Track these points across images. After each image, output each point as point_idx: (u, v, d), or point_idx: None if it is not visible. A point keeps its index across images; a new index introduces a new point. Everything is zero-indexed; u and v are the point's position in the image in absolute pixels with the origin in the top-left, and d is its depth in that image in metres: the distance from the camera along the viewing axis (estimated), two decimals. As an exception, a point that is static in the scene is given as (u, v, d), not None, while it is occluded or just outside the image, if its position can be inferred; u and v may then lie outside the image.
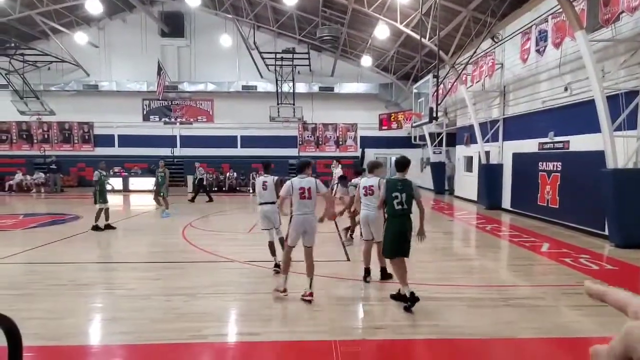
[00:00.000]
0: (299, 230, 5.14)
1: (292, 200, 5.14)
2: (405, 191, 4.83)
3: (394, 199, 4.80)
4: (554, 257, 7.55)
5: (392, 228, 4.90)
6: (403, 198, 4.84)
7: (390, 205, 4.82)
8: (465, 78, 15.13)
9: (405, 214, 4.88)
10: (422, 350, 3.90)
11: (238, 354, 3.90)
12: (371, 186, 5.82)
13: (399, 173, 5.19)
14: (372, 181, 5.87)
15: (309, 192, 5.08)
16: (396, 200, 4.80)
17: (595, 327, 4.37)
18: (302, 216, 5.10)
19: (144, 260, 7.33)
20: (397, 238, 4.85)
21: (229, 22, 22.46)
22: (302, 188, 5.07)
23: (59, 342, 4.00)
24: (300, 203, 5.08)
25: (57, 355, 3.83)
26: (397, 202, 4.81)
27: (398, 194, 4.84)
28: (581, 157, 9.86)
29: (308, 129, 25.50)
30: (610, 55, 8.89)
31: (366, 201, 5.86)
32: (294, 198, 5.09)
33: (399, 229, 4.86)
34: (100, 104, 24.35)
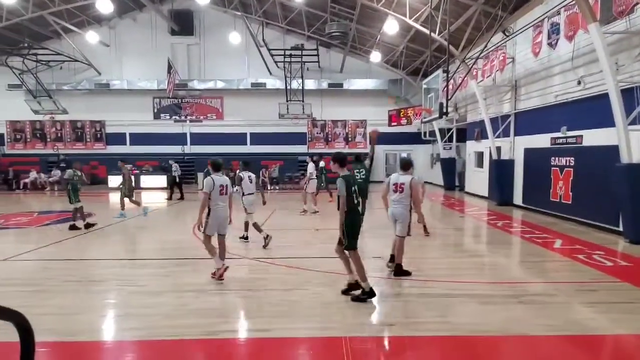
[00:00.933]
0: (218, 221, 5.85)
1: (212, 195, 5.73)
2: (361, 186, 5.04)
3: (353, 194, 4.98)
4: (566, 253, 7.45)
5: (357, 222, 5.12)
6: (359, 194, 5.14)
7: (351, 200, 4.93)
8: (475, 73, 14.96)
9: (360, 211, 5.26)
10: (434, 347, 3.88)
11: (248, 350, 3.91)
12: (402, 184, 5.93)
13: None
14: (404, 179, 5.95)
15: (226, 188, 5.89)
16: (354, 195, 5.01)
17: (609, 325, 4.31)
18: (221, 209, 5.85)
19: (154, 257, 7.40)
20: (358, 230, 5.10)
21: (238, 20, 22.50)
22: (222, 186, 5.81)
23: (72, 337, 4.05)
24: (219, 198, 5.81)
25: (71, 351, 3.88)
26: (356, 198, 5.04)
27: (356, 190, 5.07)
28: (595, 152, 9.69)
29: (317, 125, 25.49)
30: (624, 47, 8.70)
31: (395, 197, 6.00)
32: (214, 194, 5.74)
33: (359, 222, 5.20)
34: (111, 103, 24.64)
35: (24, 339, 1.14)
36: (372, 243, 8.72)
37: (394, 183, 6.01)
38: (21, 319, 1.14)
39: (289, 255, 7.29)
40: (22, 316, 1.14)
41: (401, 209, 5.96)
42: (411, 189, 5.85)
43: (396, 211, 6.00)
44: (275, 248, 7.96)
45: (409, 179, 5.91)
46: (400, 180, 5.96)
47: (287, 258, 7.09)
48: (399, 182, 5.95)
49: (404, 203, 5.93)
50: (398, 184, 5.96)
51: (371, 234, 9.65)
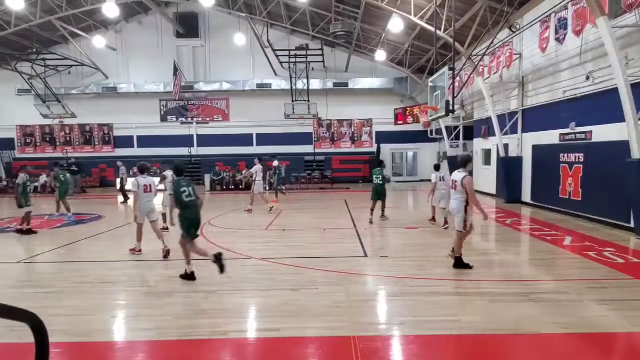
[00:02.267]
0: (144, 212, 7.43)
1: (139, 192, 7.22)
2: (191, 186, 6.06)
3: (183, 193, 5.86)
4: (576, 250, 7.38)
5: (188, 216, 5.91)
6: (191, 191, 5.97)
7: (180, 198, 5.85)
8: (482, 69, 14.87)
9: (195, 204, 6.00)
10: (443, 346, 3.86)
11: (258, 349, 3.92)
12: (455, 181, 6.20)
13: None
14: (457, 176, 6.16)
15: (150, 187, 7.48)
16: (184, 194, 5.86)
17: (622, 322, 4.26)
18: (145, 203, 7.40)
19: (163, 258, 7.44)
20: (195, 223, 5.93)
21: (243, 21, 22.54)
22: (145, 185, 7.33)
23: (85, 338, 4.10)
24: (144, 195, 7.35)
25: (84, 351, 3.93)
26: (185, 195, 5.86)
27: (186, 189, 5.91)
28: (604, 147, 9.58)
29: (323, 125, 25.48)
30: (634, 41, 8.59)
31: (452, 193, 6.36)
32: (140, 191, 7.24)
33: (193, 215, 5.95)
34: (119, 106, 24.84)
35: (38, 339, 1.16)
36: (379, 242, 8.72)
37: (452, 179, 6.34)
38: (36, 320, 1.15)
39: (296, 255, 7.29)
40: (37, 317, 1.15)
41: (457, 204, 6.19)
42: (463, 186, 6.02)
43: (454, 206, 6.28)
44: (284, 248, 7.98)
45: (461, 176, 6.08)
46: (455, 177, 6.22)
47: (295, 258, 7.10)
48: (454, 179, 6.22)
49: (459, 198, 6.15)
50: (454, 180, 6.25)
51: (379, 233, 9.65)
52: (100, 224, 11.20)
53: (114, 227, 10.54)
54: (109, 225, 10.75)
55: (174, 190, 5.95)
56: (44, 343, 1.16)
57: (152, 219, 7.64)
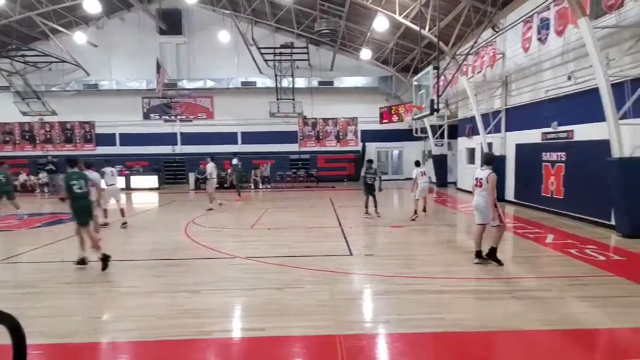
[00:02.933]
0: None
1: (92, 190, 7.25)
2: (82, 178, 6.60)
3: (74, 185, 6.37)
4: (559, 248, 7.49)
5: (77, 206, 6.44)
6: (82, 184, 6.48)
7: (71, 190, 6.36)
8: (466, 69, 15.01)
9: (84, 195, 6.54)
10: (429, 344, 3.86)
11: (243, 349, 3.87)
12: (480, 179, 6.38)
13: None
14: (482, 174, 6.35)
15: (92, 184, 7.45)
16: (76, 186, 6.38)
17: (603, 319, 4.32)
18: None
19: (147, 257, 7.32)
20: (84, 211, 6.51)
21: (227, 18, 22.33)
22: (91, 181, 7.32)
23: (65, 339, 3.99)
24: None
25: (64, 353, 3.82)
26: (77, 187, 6.39)
27: (76, 182, 6.41)
28: (586, 146, 9.76)
29: (308, 123, 25.43)
30: (614, 42, 8.77)
31: (476, 190, 6.48)
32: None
33: (82, 206, 6.51)
34: (100, 103, 24.39)
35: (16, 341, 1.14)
36: (364, 241, 8.72)
37: (475, 178, 6.49)
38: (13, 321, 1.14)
39: (282, 254, 7.24)
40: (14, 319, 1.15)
41: (482, 201, 6.38)
42: (488, 182, 6.20)
43: (479, 203, 6.45)
44: (269, 247, 7.92)
45: (486, 174, 6.26)
46: (479, 175, 6.40)
47: (280, 257, 7.05)
48: (479, 177, 6.41)
49: (484, 195, 6.33)
50: (478, 178, 6.43)
51: (365, 231, 9.66)
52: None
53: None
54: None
55: (65, 182, 6.43)
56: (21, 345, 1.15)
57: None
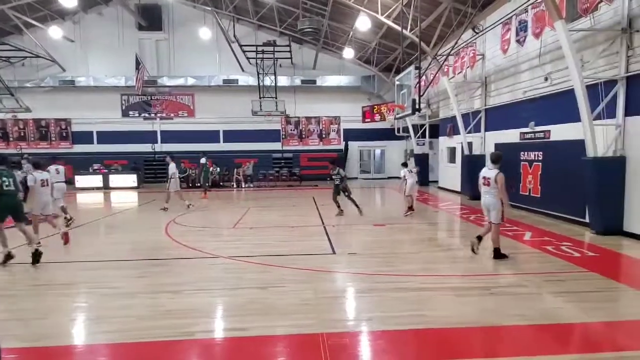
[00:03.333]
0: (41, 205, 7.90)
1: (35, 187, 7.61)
2: (12, 176, 6.76)
3: (3, 183, 6.57)
4: (536, 245, 7.68)
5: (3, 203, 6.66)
6: (11, 182, 6.69)
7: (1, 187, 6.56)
8: (447, 69, 15.21)
9: (12, 193, 6.73)
10: (411, 341, 3.91)
11: (226, 350, 3.84)
12: (488, 178, 6.53)
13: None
14: (490, 173, 6.50)
15: (47, 182, 7.96)
16: (5, 184, 6.58)
17: (578, 313, 4.45)
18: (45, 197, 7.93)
19: (127, 258, 7.19)
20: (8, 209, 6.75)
21: (208, 15, 22.08)
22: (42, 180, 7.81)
23: (41, 343, 3.88)
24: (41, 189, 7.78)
25: (40, 357, 3.72)
26: (5, 185, 6.59)
27: (6, 179, 6.62)
28: (562, 146, 10.02)
29: (291, 122, 25.37)
30: (589, 44, 9.02)
31: (483, 189, 6.65)
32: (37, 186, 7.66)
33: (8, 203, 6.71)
34: (77, 100, 23.79)
35: None
36: (347, 239, 8.75)
37: (482, 177, 6.63)
38: None
39: (264, 253, 7.22)
40: None
41: (490, 198, 6.55)
42: (497, 182, 6.35)
43: (487, 201, 6.61)
44: (252, 246, 7.88)
45: (494, 174, 6.41)
46: (487, 174, 6.55)
47: (262, 256, 7.02)
48: (486, 176, 6.56)
49: (493, 193, 6.48)
50: (485, 177, 6.57)
51: (348, 230, 9.70)
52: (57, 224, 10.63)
53: (72, 227, 10.06)
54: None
55: None
56: None
57: (47, 213, 8.14)
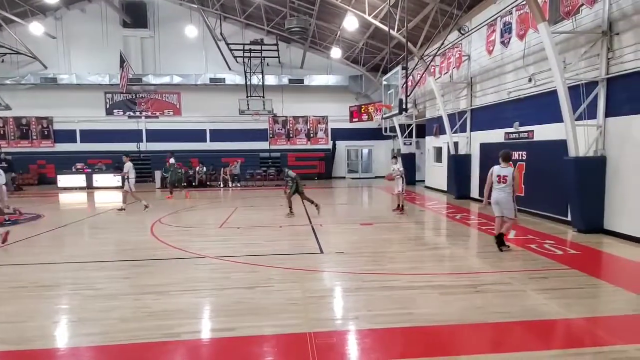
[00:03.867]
0: None
1: None
2: None
3: None
4: (520, 243, 7.80)
5: None
6: None
7: None
8: (433, 70, 15.34)
9: None
10: (397, 339, 3.94)
11: (212, 350, 3.82)
12: (505, 176, 6.90)
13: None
14: (506, 171, 6.92)
15: None
16: None
17: (560, 310, 4.54)
18: None
19: (111, 259, 7.07)
20: None
21: (194, 13, 21.89)
22: None
23: (23, 346, 3.80)
24: None
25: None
26: None
27: None
28: (545, 146, 10.19)
29: (279, 121, 25.32)
30: (571, 46, 9.20)
31: (498, 187, 6.98)
32: None
33: None
34: (59, 98, 23.37)
35: None
36: (335, 239, 8.76)
37: (497, 175, 6.96)
38: None
39: (252, 253, 7.19)
40: None
41: (505, 196, 6.93)
42: (513, 179, 6.84)
43: (501, 198, 6.97)
44: (239, 246, 7.84)
45: (511, 171, 6.88)
46: (503, 172, 6.92)
47: (250, 256, 7.00)
48: (502, 174, 6.92)
49: (507, 191, 6.90)
50: (501, 175, 6.92)
51: (335, 229, 9.71)
52: (38, 225, 10.46)
53: (55, 228, 9.89)
54: (49, 226, 10.07)
55: None
56: None
57: None
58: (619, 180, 8.12)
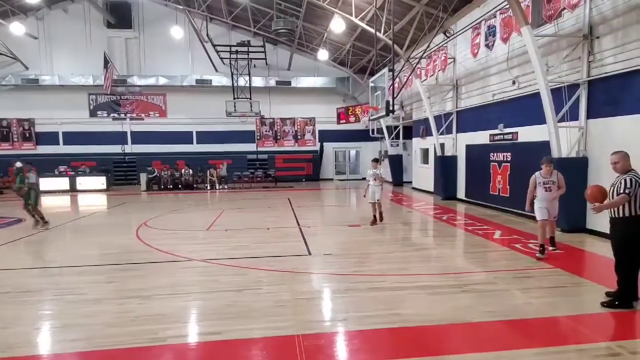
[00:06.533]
0: None
1: None
2: None
3: None
4: (505, 243, 7.92)
5: None
6: None
7: None
8: (419, 72, 15.48)
9: None
10: (385, 340, 3.95)
11: (199, 355, 3.78)
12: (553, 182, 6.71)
13: None
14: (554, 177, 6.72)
15: None
16: None
17: (544, 308, 4.60)
18: None
19: (95, 263, 6.97)
20: None
21: (180, 14, 21.72)
22: None
23: (5, 353, 3.71)
24: None
25: (0, 369, 3.56)
26: None
27: None
28: (529, 147, 10.35)
29: (266, 123, 25.24)
30: (554, 49, 9.37)
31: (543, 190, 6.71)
32: None
33: None
34: (42, 100, 22.92)
35: None
36: (322, 240, 8.77)
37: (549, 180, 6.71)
38: None
39: (240, 256, 7.15)
40: None
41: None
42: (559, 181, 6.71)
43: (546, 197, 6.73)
44: (226, 248, 7.79)
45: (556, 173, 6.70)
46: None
47: (238, 258, 6.95)
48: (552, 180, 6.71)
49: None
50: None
51: (323, 231, 9.72)
52: (19, 229, 10.23)
53: (36, 232, 9.69)
54: (30, 230, 9.85)
55: None
56: None
57: None
58: (600, 181, 8.19)
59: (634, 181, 4.31)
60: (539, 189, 6.71)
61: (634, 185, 4.30)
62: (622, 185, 4.35)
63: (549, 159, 6.85)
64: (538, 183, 6.70)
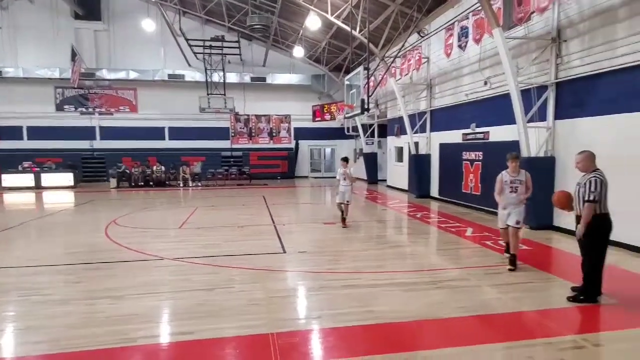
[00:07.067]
0: None
1: None
2: None
3: None
4: (477, 240, 8.09)
5: None
6: None
7: None
8: (394, 71, 15.62)
9: None
10: (359, 336, 3.96)
11: (170, 355, 3.69)
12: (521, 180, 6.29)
13: None
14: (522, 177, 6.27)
15: None
16: None
17: (512, 303, 4.74)
18: None
19: (61, 262, 6.71)
20: None
21: (152, 6, 21.16)
22: None
23: (-42, 359, 3.52)
24: None
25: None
26: None
27: None
28: (499, 146, 10.58)
29: (240, 120, 24.93)
30: (524, 51, 9.63)
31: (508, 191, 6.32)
32: None
33: None
34: (4, 93, 21.91)
35: None
36: (297, 238, 8.74)
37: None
38: None
39: (212, 254, 7.03)
40: None
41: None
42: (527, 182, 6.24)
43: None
44: (198, 247, 7.65)
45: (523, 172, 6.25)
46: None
47: (210, 257, 6.84)
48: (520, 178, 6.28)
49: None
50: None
51: (298, 228, 9.68)
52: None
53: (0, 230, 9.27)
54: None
55: None
56: None
57: None
58: (566, 179, 8.56)
59: (598, 182, 4.47)
60: (504, 190, 6.30)
61: (599, 187, 4.45)
62: (587, 189, 4.49)
63: (515, 154, 6.38)
64: (505, 182, 6.27)
